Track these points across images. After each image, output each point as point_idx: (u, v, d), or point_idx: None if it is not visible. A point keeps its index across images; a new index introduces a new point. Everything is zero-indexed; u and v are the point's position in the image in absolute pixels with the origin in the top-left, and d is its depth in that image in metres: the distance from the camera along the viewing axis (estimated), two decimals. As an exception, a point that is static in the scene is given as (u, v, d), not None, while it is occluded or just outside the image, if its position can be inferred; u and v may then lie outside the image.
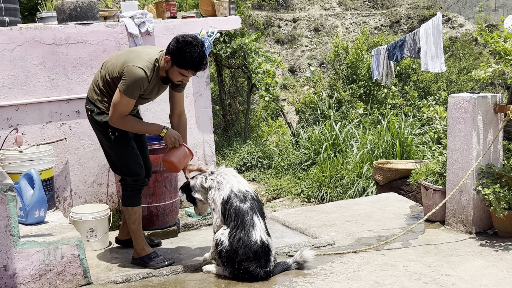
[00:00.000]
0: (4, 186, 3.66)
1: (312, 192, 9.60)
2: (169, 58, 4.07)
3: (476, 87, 15.59)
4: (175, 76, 4.15)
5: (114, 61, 4.25)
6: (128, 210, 4.44)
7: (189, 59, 4.01)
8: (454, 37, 20.17)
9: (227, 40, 11.88)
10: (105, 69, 4.28)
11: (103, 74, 4.29)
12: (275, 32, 21.52)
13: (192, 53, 4.00)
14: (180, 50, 4.00)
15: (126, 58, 4.17)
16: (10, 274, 3.76)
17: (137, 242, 4.48)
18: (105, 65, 4.32)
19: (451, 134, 4.99)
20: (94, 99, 4.33)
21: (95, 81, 4.37)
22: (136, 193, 4.44)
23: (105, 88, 4.27)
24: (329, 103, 13.77)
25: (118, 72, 4.14)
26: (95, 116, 4.32)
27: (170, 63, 4.09)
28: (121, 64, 4.13)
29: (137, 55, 4.17)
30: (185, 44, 4.00)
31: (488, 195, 4.62)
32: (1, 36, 4.95)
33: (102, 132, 4.36)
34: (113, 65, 4.21)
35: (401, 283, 3.93)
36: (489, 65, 5.05)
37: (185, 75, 4.13)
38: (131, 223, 4.46)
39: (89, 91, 4.41)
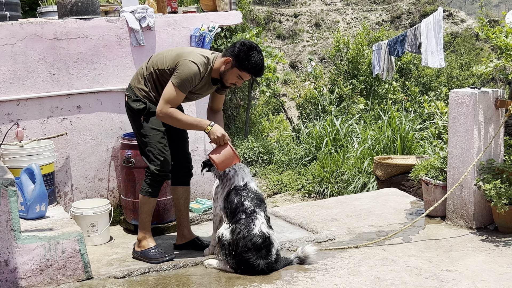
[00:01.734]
0: (5, 181, 3.66)
1: (313, 188, 9.60)
2: (230, 60, 4.16)
3: (477, 82, 15.56)
4: (231, 78, 4.23)
5: (164, 54, 4.33)
6: (144, 199, 4.42)
7: (253, 63, 4.15)
8: (455, 32, 20.13)
9: (228, 35, 11.86)
10: (152, 61, 4.36)
11: (149, 65, 4.36)
12: (276, 27, 21.49)
13: (256, 58, 4.15)
14: (247, 53, 4.13)
15: (179, 52, 4.25)
16: (11, 269, 3.76)
17: (143, 233, 4.46)
18: (153, 58, 4.39)
19: (452, 129, 4.99)
20: (133, 86, 4.41)
21: (140, 70, 4.44)
22: (156, 184, 4.39)
23: (149, 78, 4.34)
24: (330, 98, 13.76)
25: (168, 65, 4.22)
26: (130, 103, 4.39)
27: (230, 64, 4.18)
28: (173, 58, 4.20)
29: (191, 51, 4.26)
30: (251, 48, 4.15)
31: (489, 190, 4.62)
32: (2, 31, 4.94)
33: (134, 118, 4.42)
34: (163, 58, 4.28)
35: (402, 278, 3.94)
36: (490, 60, 5.04)
37: (242, 78, 4.24)
38: (143, 212, 4.44)
39: (132, 79, 4.49)
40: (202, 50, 4.35)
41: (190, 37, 5.75)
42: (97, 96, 5.42)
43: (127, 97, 4.44)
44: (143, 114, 4.35)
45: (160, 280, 4.01)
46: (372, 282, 3.89)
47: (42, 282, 3.88)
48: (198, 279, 4.02)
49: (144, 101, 4.35)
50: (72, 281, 3.98)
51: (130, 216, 5.23)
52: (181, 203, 4.68)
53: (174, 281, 3.98)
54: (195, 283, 3.94)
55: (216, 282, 3.95)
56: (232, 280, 3.97)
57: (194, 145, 5.87)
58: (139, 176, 5.08)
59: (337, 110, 13.06)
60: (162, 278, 4.05)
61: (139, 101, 4.36)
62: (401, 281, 3.89)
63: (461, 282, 3.86)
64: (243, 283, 3.90)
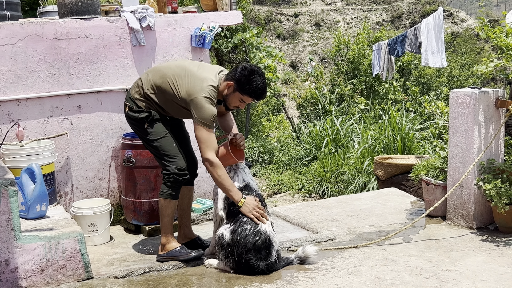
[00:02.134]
0: (6, 181, 3.66)
1: (313, 187, 9.61)
2: (232, 84, 4.13)
3: (478, 82, 15.57)
4: (234, 101, 4.21)
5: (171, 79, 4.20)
6: (165, 202, 4.33)
7: (255, 87, 4.11)
8: (455, 32, 20.14)
9: (228, 35, 11.86)
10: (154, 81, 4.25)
11: (151, 84, 4.27)
12: (276, 27, 21.50)
13: (257, 82, 4.11)
14: (248, 78, 4.09)
15: (188, 86, 4.13)
16: (11, 269, 3.76)
17: (167, 236, 4.39)
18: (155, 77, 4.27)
19: (453, 129, 4.99)
20: (134, 98, 4.33)
21: (141, 83, 4.34)
22: (177, 185, 4.33)
23: (152, 95, 4.28)
24: (331, 98, 13.77)
25: (181, 98, 4.15)
26: (132, 113, 4.33)
27: (232, 88, 4.15)
28: (185, 94, 4.12)
29: (199, 83, 4.12)
30: (252, 72, 4.11)
31: (489, 190, 4.62)
32: (2, 30, 4.94)
33: (138, 127, 4.37)
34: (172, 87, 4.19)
35: (402, 278, 3.94)
36: (490, 60, 5.04)
37: (245, 102, 4.22)
38: (165, 216, 4.36)
39: (132, 89, 4.40)
40: (208, 75, 4.20)
41: (190, 37, 5.75)
42: (98, 96, 5.42)
43: (128, 108, 4.36)
44: (146, 121, 4.31)
45: (160, 280, 4.01)
46: (372, 282, 3.89)
47: (42, 282, 3.88)
48: (198, 279, 4.03)
49: (148, 110, 4.32)
50: (73, 281, 3.98)
51: (130, 216, 5.23)
52: (185, 203, 4.66)
53: (175, 281, 3.99)
54: (195, 283, 3.94)
55: (216, 282, 3.96)
56: (232, 280, 3.97)
57: (194, 145, 5.84)
58: (140, 176, 5.08)
59: (337, 110, 13.07)
60: (162, 278, 4.05)
61: (142, 111, 4.32)
62: (402, 281, 3.89)
63: (461, 282, 3.86)
64: (244, 283, 3.90)
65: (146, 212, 5.13)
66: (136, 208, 5.13)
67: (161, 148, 4.32)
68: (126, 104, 4.41)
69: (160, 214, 4.40)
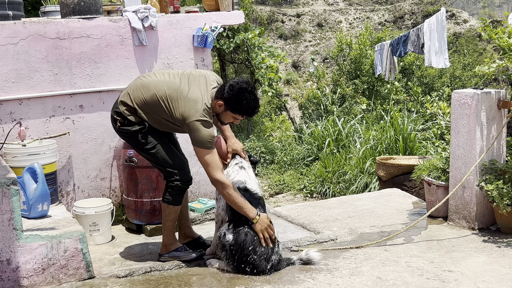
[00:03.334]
0: (8, 180, 3.66)
1: (315, 188, 9.60)
2: (222, 103, 4.04)
3: (480, 83, 15.55)
4: (227, 118, 4.15)
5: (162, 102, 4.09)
6: (169, 208, 4.32)
7: (245, 106, 4.02)
8: (458, 33, 20.12)
9: (230, 35, 11.87)
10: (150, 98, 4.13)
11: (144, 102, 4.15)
12: (278, 27, 21.49)
13: (248, 100, 4.02)
14: (237, 97, 4.00)
15: (183, 109, 4.02)
16: (13, 268, 3.77)
17: (169, 238, 4.41)
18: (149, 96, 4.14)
19: (455, 130, 4.98)
20: (126, 114, 4.22)
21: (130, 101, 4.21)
22: (182, 192, 4.33)
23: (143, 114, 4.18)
24: (332, 98, 13.76)
25: (175, 119, 4.07)
26: (124, 127, 4.25)
27: (223, 108, 4.06)
28: (180, 115, 4.02)
29: (193, 105, 4.01)
30: (240, 91, 3.99)
31: (491, 191, 4.62)
32: (4, 30, 4.95)
33: (132, 139, 4.29)
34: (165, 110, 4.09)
35: (404, 279, 3.93)
36: (493, 60, 5.03)
37: (238, 119, 4.14)
38: (168, 220, 4.36)
39: (119, 106, 4.24)
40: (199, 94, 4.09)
41: (192, 37, 5.76)
42: (100, 96, 5.42)
43: (119, 122, 4.24)
44: (140, 133, 4.24)
45: (161, 280, 4.01)
46: (374, 282, 3.89)
47: (44, 281, 3.88)
48: (200, 279, 4.03)
49: (142, 124, 4.24)
50: (74, 280, 3.99)
51: (132, 215, 5.24)
52: (183, 205, 4.65)
53: (176, 281, 3.99)
54: (197, 283, 3.94)
55: (217, 282, 3.96)
56: (234, 280, 3.97)
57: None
58: (141, 175, 5.08)
59: (339, 110, 13.07)
60: (163, 278, 4.05)
61: (134, 125, 4.24)
62: (403, 282, 3.89)
63: (463, 283, 3.85)
64: (245, 283, 3.90)
65: (148, 211, 5.13)
66: (138, 207, 5.13)
67: (161, 155, 4.27)
68: (116, 118, 4.27)
69: (163, 218, 4.40)
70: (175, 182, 4.27)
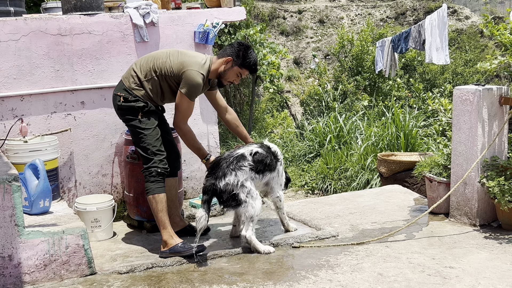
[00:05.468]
0: (9, 176, 3.67)
1: (316, 184, 9.60)
2: (231, 59, 4.47)
3: (482, 79, 15.53)
4: (231, 76, 4.54)
5: (165, 59, 4.47)
6: (155, 198, 4.43)
7: (253, 61, 4.50)
8: (460, 29, 20.07)
9: (231, 32, 11.85)
10: (150, 66, 4.48)
11: (148, 69, 4.48)
12: (280, 23, 21.46)
13: (253, 56, 4.51)
14: (245, 52, 4.47)
15: (182, 59, 4.44)
16: (15, 264, 3.78)
17: (167, 233, 4.44)
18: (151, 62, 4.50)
19: (456, 126, 4.98)
20: (131, 88, 4.49)
21: (135, 73, 4.52)
22: (161, 179, 4.47)
23: (150, 82, 4.48)
24: (334, 95, 13.75)
25: (174, 72, 4.43)
26: (128, 103, 4.47)
27: (231, 64, 4.48)
28: (179, 65, 4.42)
29: (193, 60, 4.44)
30: (247, 47, 4.51)
31: (492, 187, 4.62)
32: (6, 26, 4.95)
33: (131, 115, 4.50)
34: (166, 64, 4.45)
35: (405, 275, 3.94)
36: (494, 57, 5.03)
37: (241, 75, 4.57)
38: (159, 211, 4.44)
39: (125, 81, 4.54)
40: (202, 56, 4.56)
41: (194, 33, 5.75)
42: (101, 92, 5.42)
43: (123, 98, 4.49)
44: (141, 112, 4.47)
45: (163, 276, 4.02)
46: (375, 278, 3.89)
47: (45, 277, 3.89)
48: (201, 275, 4.03)
49: (145, 100, 4.49)
50: (76, 276, 4.00)
51: (133, 211, 5.24)
52: (173, 194, 4.88)
53: (177, 277, 4.00)
54: (198, 279, 3.95)
55: (219, 278, 3.96)
56: (235, 277, 3.97)
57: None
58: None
59: (340, 106, 13.05)
60: (165, 274, 4.06)
61: (138, 101, 4.48)
62: (404, 278, 3.89)
63: (464, 279, 3.86)
64: (247, 279, 3.91)
65: (149, 208, 5.12)
66: (139, 204, 5.13)
67: (148, 139, 4.47)
68: (119, 95, 4.52)
69: (153, 212, 4.49)
70: (153, 168, 4.45)
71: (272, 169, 4.65)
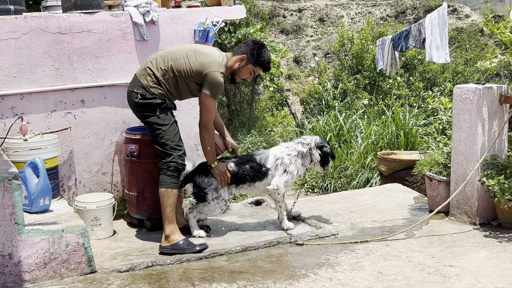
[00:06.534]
0: (9, 175, 3.67)
1: (316, 183, 9.60)
2: (245, 57, 4.60)
3: (482, 78, 15.52)
4: (245, 73, 4.67)
5: (182, 59, 4.51)
6: (167, 192, 4.51)
7: (267, 59, 4.65)
8: (460, 27, 20.06)
9: (231, 30, 11.85)
10: (167, 64, 4.51)
11: (165, 68, 4.51)
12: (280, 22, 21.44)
13: (267, 55, 4.66)
14: (260, 50, 4.61)
15: (202, 60, 4.49)
16: (15, 262, 3.78)
17: (170, 227, 4.50)
18: (169, 60, 4.53)
19: (456, 125, 4.98)
20: (148, 86, 4.52)
21: (151, 71, 4.54)
22: (177, 174, 4.55)
23: (167, 81, 4.52)
24: (334, 93, 13.74)
25: (193, 73, 4.49)
26: (146, 100, 4.50)
27: (245, 61, 4.61)
28: (199, 67, 4.48)
29: (212, 59, 4.50)
30: (262, 46, 4.64)
31: (492, 186, 4.62)
32: (6, 24, 4.95)
33: (150, 112, 4.53)
34: (185, 64, 4.50)
35: (405, 274, 3.94)
36: (495, 56, 5.02)
37: (254, 74, 4.72)
38: (167, 206, 4.51)
39: (142, 78, 4.55)
40: (218, 54, 4.61)
41: (194, 32, 5.75)
42: (101, 91, 5.42)
43: (141, 95, 4.51)
44: (159, 108, 4.52)
45: (163, 274, 4.02)
46: (375, 277, 3.89)
47: (45, 275, 3.90)
48: (201, 273, 4.04)
49: (163, 98, 4.54)
50: (76, 274, 4.00)
51: (133, 210, 5.24)
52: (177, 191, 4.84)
53: (177, 275, 4.00)
54: (198, 278, 3.95)
55: (219, 276, 3.97)
56: (235, 275, 3.98)
57: (198, 140, 5.86)
58: (142, 170, 5.08)
59: (340, 105, 13.05)
60: (165, 272, 4.06)
61: (155, 98, 4.52)
62: (404, 277, 3.89)
63: (464, 278, 3.86)
64: (246, 277, 3.91)
65: (149, 206, 5.13)
66: (139, 202, 5.13)
67: (167, 135, 4.53)
68: (136, 92, 4.54)
69: (162, 205, 4.53)
70: (172, 163, 4.51)
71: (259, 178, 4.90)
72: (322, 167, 5.07)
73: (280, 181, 4.86)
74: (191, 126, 5.81)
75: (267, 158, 4.91)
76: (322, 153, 4.98)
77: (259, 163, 4.88)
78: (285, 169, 4.89)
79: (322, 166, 5.06)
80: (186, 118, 5.77)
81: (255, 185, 4.90)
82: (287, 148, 4.98)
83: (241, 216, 5.47)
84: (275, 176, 4.87)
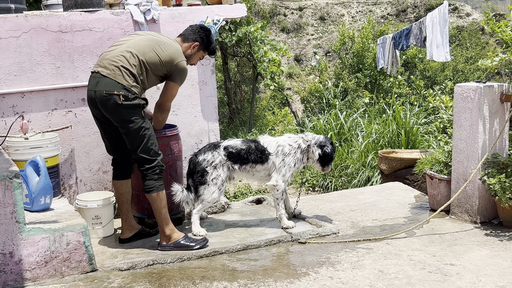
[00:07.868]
0: (10, 173, 3.67)
1: (317, 181, 9.60)
2: (198, 44, 4.68)
3: (483, 76, 15.52)
4: (196, 59, 4.78)
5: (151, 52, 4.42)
6: (159, 195, 4.46)
7: (214, 45, 4.84)
8: (461, 26, 20.05)
9: (232, 29, 11.84)
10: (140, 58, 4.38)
11: (136, 62, 4.37)
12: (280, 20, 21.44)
13: (213, 40, 4.84)
14: (208, 37, 4.75)
15: (169, 52, 4.48)
16: (16, 261, 3.78)
17: (169, 227, 4.51)
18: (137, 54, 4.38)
19: (457, 123, 4.97)
20: (130, 85, 4.30)
21: (125, 69, 4.30)
22: (162, 176, 4.52)
23: (139, 74, 4.41)
24: (335, 92, 13.74)
25: (165, 66, 4.46)
26: (130, 102, 4.27)
27: (197, 48, 4.70)
28: (169, 59, 4.46)
29: (176, 49, 4.54)
30: (209, 32, 4.78)
31: (493, 184, 4.61)
32: (7, 23, 4.95)
33: (134, 114, 4.30)
34: (155, 57, 4.42)
35: (405, 272, 3.94)
36: (495, 54, 5.02)
37: (202, 58, 4.87)
38: (162, 207, 4.48)
39: (118, 78, 4.27)
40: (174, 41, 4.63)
41: (194, 30, 5.74)
42: (102, 89, 5.42)
43: (123, 96, 4.24)
44: (142, 109, 4.37)
45: (164, 273, 4.02)
46: (375, 276, 3.89)
47: (46, 274, 3.90)
48: (202, 271, 4.04)
49: (143, 97, 4.45)
50: (77, 273, 4.00)
51: (134, 208, 5.24)
52: (128, 196, 4.82)
53: (178, 274, 4.00)
54: (199, 276, 3.95)
55: (220, 274, 3.97)
56: (236, 273, 3.98)
57: (198, 139, 5.88)
58: (144, 169, 5.08)
59: (341, 104, 13.04)
60: (166, 271, 4.06)
61: (137, 98, 4.32)
62: (405, 275, 3.89)
63: (464, 276, 3.86)
64: (247, 276, 3.91)
65: (150, 204, 5.12)
66: (140, 201, 5.13)
67: (151, 139, 4.43)
68: (117, 93, 4.24)
69: (156, 209, 4.49)
70: (157, 167, 4.46)
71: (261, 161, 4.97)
72: (322, 167, 5.08)
73: (279, 177, 4.89)
74: (191, 125, 5.81)
75: (270, 143, 4.99)
76: (323, 152, 4.98)
77: (262, 145, 4.96)
78: (283, 159, 4.93)
79: (322, 165, 5.07)
80: (186, 117, 5.77)
81: (256, 168, 4.98)
82: (290, 139, 5.05)
83: (242, 214, 5.47)
84: (275, 163, 4.94)
